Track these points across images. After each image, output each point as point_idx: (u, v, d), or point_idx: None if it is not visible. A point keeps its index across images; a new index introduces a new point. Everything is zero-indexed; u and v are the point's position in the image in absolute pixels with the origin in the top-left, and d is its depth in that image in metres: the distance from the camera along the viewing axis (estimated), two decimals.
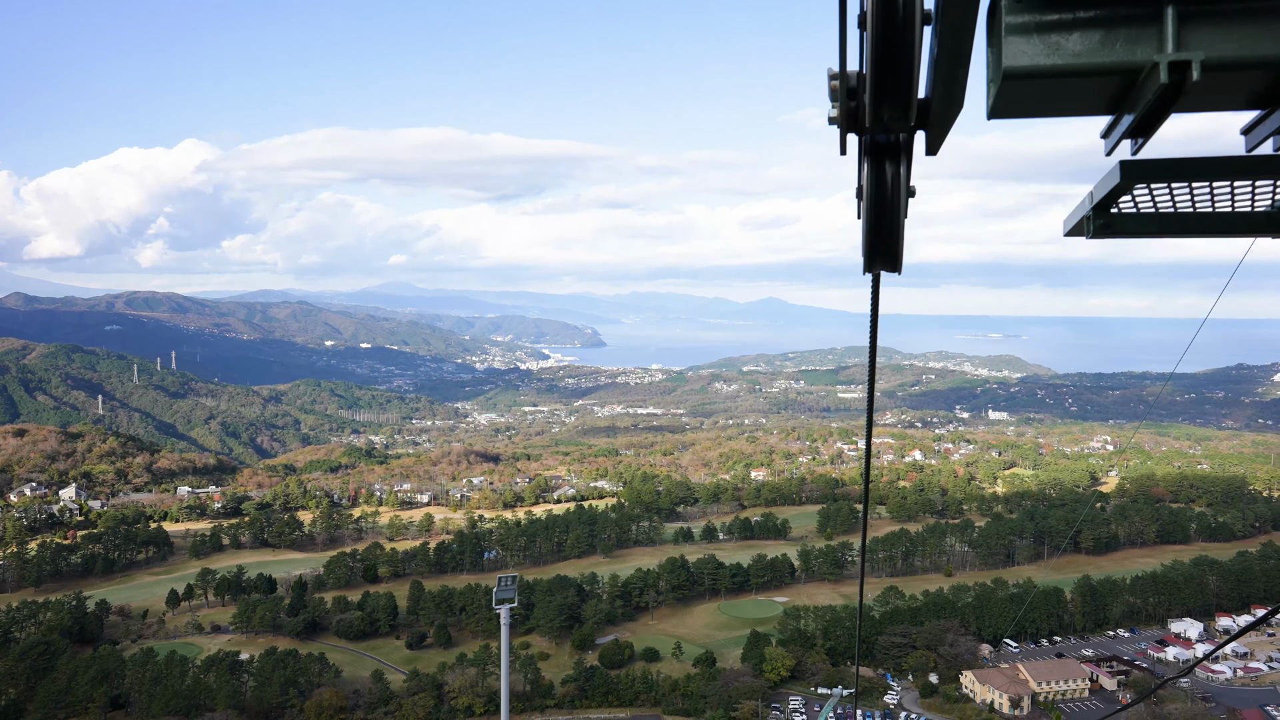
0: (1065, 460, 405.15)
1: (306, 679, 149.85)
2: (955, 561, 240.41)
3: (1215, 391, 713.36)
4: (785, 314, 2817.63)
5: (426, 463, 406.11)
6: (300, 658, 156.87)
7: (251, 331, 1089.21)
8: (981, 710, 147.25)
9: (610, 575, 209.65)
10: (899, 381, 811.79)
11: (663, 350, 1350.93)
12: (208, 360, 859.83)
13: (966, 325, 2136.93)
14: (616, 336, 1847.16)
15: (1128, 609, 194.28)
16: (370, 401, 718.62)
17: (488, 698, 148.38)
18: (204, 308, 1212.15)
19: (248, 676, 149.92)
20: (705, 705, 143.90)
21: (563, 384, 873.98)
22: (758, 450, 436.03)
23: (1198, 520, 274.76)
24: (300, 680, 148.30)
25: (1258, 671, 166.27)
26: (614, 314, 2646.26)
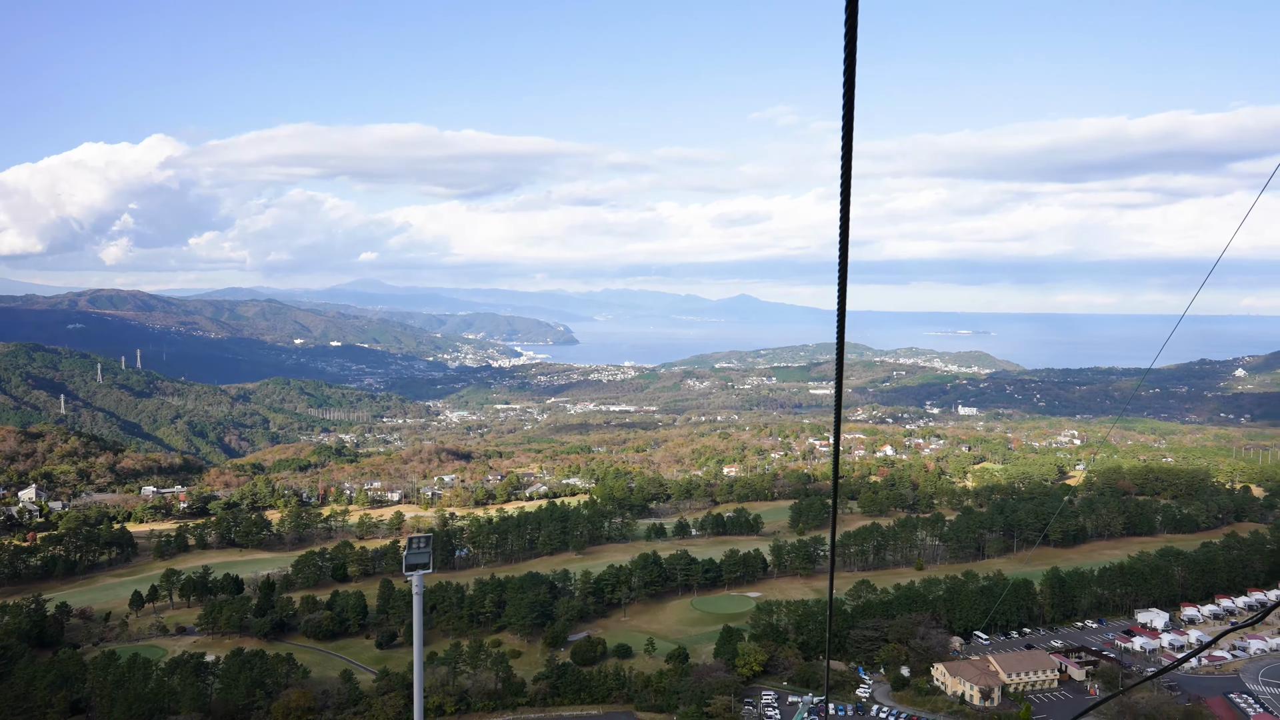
0: (1034, 455, 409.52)
1: (274, 680, 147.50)
2: (926, 555, 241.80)
3: (1179, 386, 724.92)
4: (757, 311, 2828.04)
5: (397, 461, 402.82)
6: (268, 658, 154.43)
7: (219, 330, 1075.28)
8: (952, 702, 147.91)
9: (583, 572, 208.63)
10: (870, 378, 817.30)
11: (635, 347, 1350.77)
12: (174, 359, 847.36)
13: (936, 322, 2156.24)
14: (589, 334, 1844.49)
15: (1095, 600, 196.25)
16: (340, 400, 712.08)
17: (459, 697, 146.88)
18: (170, 306, 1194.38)
19: (213, 678, 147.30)
20: (678, 701, 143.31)
21: (535, 381, 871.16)
22: (730, 446, 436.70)
23: (1163, 512, 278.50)
24: (267, 681, 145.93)
25: (1221, 660, 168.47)
26: (586, 311, 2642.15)
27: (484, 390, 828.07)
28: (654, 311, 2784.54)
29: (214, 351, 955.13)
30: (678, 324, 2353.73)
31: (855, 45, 7.61)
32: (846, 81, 7.83)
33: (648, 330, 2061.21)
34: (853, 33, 7.53)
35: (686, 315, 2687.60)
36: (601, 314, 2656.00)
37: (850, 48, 7.62)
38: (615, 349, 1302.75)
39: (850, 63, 7.70)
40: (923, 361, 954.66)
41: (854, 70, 7.78)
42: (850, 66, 7.73)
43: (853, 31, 7.52)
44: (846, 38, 7.55)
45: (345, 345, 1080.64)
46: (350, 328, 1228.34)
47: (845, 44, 7.59)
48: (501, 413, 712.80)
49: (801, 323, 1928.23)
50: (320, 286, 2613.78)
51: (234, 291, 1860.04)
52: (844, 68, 7.73)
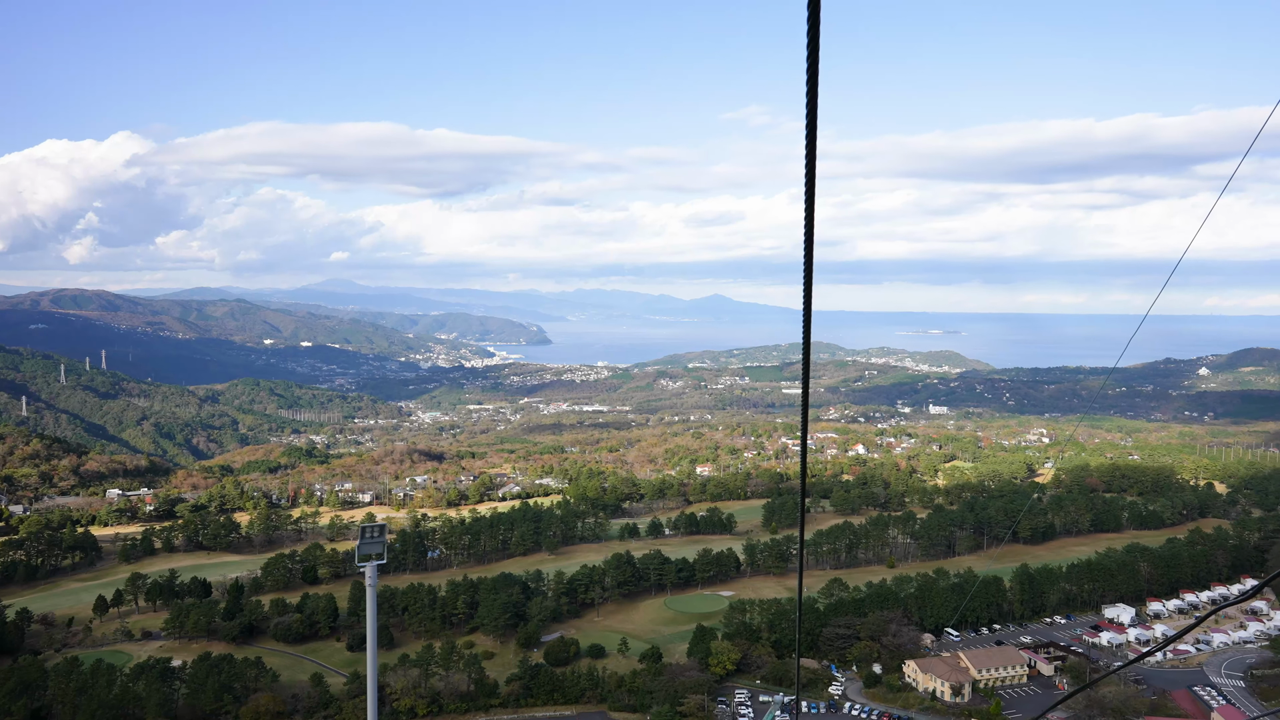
0: (1003, 453, 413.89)
1: (242, 684, 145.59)
2: (898, 553, 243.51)
3: (1145, 385, 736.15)
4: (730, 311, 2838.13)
5: (369, 462, 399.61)
6: (236, 662, 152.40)
7: (187, 330, 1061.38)
8: (924, 698, 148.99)
9: (555, 572, 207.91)
10: (842, 377, 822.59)
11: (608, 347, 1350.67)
12: (140, 360, 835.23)
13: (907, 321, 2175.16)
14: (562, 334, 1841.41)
15: (1064, 596, 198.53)
16: (311, 401, 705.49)
17: (430, 699, 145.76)
18: (136, 306, 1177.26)
19: (180, 683, 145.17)
20: (651, 700, 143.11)
21: (508, 382, 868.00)
22: (703, 446, 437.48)
23: (1129, 509, 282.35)
24: (236, 685, 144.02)
25: (1186, 654, 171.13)
26: (559, 311, 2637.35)
27: (457, 391, 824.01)
28: (627, 311, 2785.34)
29: (181, 352, 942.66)
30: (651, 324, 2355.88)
31: (817, 50, 7.51)
32: (810, 83, 7.72)
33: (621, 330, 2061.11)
34: (814, 38, 7.42)
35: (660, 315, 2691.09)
36: (575, 314, 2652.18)
37: (813, 53, 7.50)
38: (588, 349, 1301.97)
39: (813, 66, 7.60)
40: (894, 361, 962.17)
41: (816, 73, 7.69)
42: (813, 70, 7.63)
43: (814, 37, 7.41)
44: (809, 44, 7.46)
45: (316, 346, 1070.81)
46: (321, 328, 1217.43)
47: (808, 49, 7.50)
48: (474, 413, 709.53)
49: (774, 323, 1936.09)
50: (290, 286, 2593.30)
51: (202, 291, 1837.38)
52: (807, 71, 7.65)
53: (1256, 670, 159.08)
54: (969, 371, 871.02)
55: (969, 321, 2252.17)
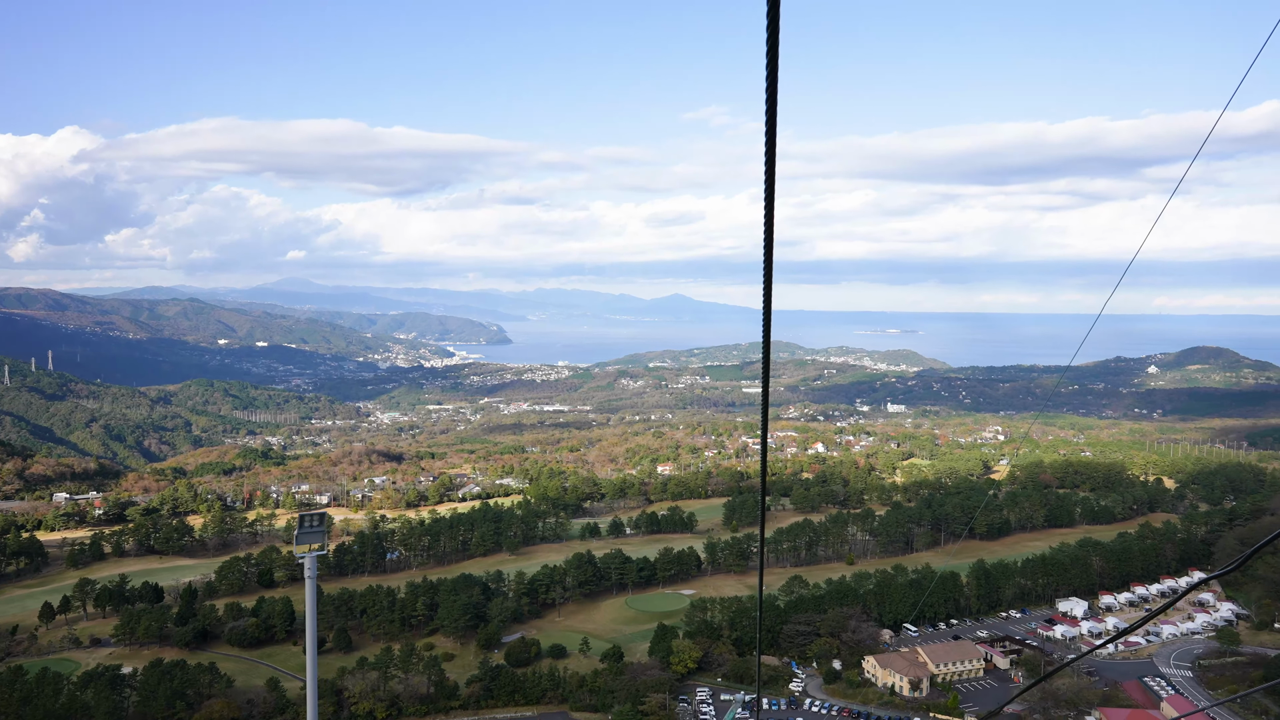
0: (960, 450, 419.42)
1: (195, 690, 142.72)
2: (857, 550, 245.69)
3: (1097, 383, 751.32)
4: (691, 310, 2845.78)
5: (326, 463, 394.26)
6: (189, 668, 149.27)
7: (138, 330, 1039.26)
8: (883, 693, 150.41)
9: (516, 573, 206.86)
10: (802, 376, 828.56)
11: (569, 347, 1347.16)
12: (89, 360, 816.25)
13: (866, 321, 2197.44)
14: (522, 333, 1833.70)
15: (1019, 590, 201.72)
16: (267, 401, 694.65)
17: (389, 702, 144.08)
18: (85, 305, 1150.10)
19: (130, 691, 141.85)
20: (613, 700, 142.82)
21: (468, 381, 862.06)
22: (664, 445, 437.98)
23: (1082, 504, 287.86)
24: (188, 692, 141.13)
25: (1136, 645, 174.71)
26: (519, 311, 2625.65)
27: (416, 391, 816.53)
28: (588, 311, 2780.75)
29: (132, 352, 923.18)
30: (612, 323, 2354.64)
31: (777, 51, 7.42)
32: (769, 83, 7.64)
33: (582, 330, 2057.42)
34: (774, 39, 7.33)
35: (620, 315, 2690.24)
36: (535, 313, 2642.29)
37: (772, 54, 7.42)
38: (549, 349, 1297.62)
39: (772, 67, 7.51)
40: (853, 360, 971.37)
41: (775, 73, 7.62)
42: (772, 70, 7.54)
43: (774, 38, 7.32)
44: (768, 45, 7.37)
45: (272, 345, 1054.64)
46: (277, 328, 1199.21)
47: (767, 50, 7.42)
48: (434, 413, 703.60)
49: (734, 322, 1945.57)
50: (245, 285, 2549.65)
51: (154, 290, 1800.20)
52: (766, 71, 7.58)
53: (1204, 660, 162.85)
54: (926, 370, 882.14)
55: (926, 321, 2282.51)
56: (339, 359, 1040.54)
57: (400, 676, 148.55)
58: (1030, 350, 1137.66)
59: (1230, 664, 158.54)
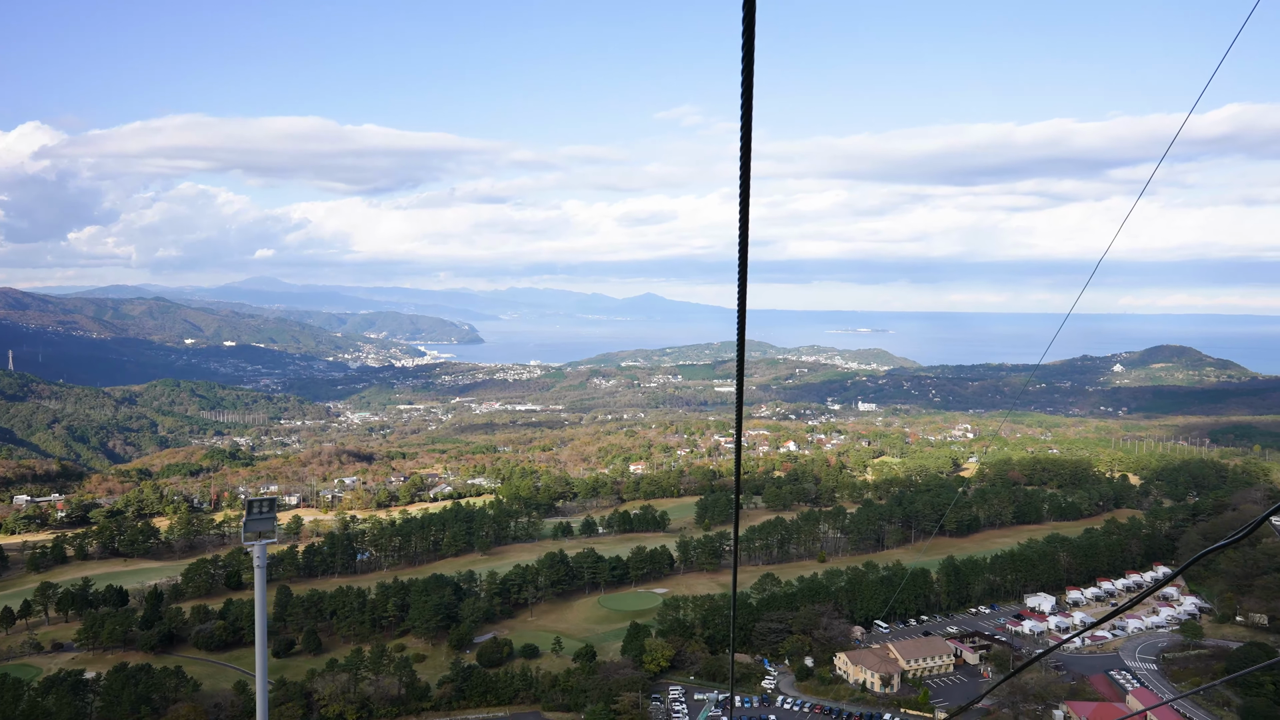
0: (930, 448, 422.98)
1: (161, 694, 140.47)
2: (828, 547, 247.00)
3: (1063, 381, 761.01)
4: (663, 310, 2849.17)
5: (295, 463, 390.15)
6: (154, 673, 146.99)
7: (102, 330, 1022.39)
8: (854, 690, 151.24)
9: (488, 573, 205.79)
10: (773, 375, 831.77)
11: (541, 346, 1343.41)
12: (51, 360, 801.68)
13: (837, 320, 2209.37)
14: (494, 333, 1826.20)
15: (988, 586, 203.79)
16: (235, 402, 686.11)
17: (360, 704, 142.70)
18: (47, 304, 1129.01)
19: (93, 696, 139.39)
20: (585, 699, 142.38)
21: (439, 381, 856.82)
22: (636, 444, 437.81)
23: (1049, 501, 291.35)
24: (154, 696, 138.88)
25: (1103, 640, 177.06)
26: (491, 310, 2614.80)
27: (387, 390, 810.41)
28: (560, 310, 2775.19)
29: (96, 352, 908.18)
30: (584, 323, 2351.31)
31: (752, 51, 7.33)
32: (745, 83, 7.53)
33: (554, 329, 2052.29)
34: (750, 39, 7.24)
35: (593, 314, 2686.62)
36: (507, 313, 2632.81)
37: (748, 54, 7.32)
38: (521, 348, 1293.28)
39: (748, 67, 7.41)
40: (824, 359, 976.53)
41: (751, 72, 7.52)
42: (748, 69, 7.43)
43: (750, 38, 7.23)
44: (744, 45, 7.27)
45: (240, 345, 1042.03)
46: (245, 327, 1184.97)
47: (743, 50, 7.31)
48: (405, 413, 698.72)
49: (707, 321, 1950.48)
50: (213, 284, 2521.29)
51: (118, 289, 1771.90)
52: (742, 71, 7.46)
53: (1168, 653, 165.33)
54: (897, 369, 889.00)
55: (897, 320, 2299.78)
56: (308, 359, 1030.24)
57: (371, 678, 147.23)
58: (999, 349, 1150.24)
59: (1194, 657, 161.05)
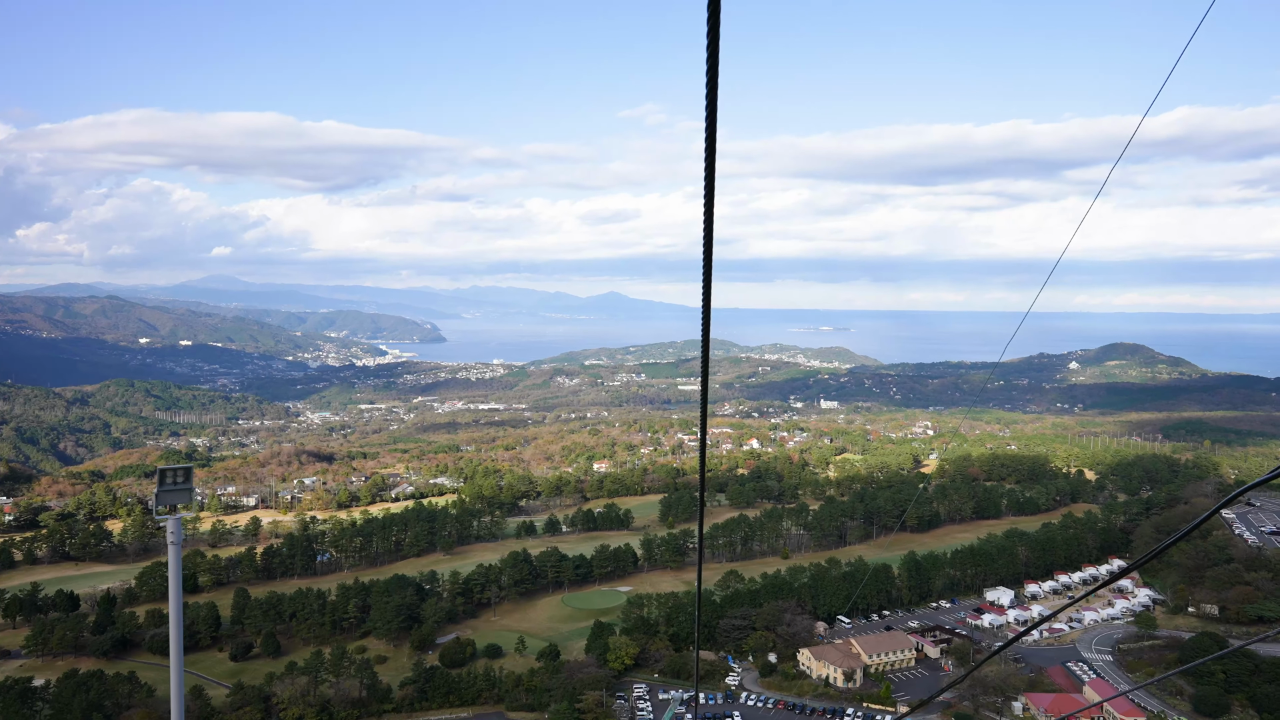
0: (891, 445, 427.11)
1: (114, 701, 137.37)
2: (791, 544, 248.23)
3: (1021, 379, 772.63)
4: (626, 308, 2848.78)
5: (254, 464, 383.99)
6: (106, 678, 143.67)
7: (53, 329, 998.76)
8: (817, 685, 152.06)
9: (451, 572, 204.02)
10: (737, 373, 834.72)
11: (504, 345, 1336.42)
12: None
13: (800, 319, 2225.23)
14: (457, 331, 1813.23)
15: (949, 581, 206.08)
16: (192, 402, 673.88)
17: (320, 707, 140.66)
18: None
19: (43, 704, 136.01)
20: (549, 699, 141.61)
21: (401, 380, 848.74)
22: (600, 443, 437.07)
23: (1008, 496, 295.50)
24: (106, 703, 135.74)
25: (1060, 632, 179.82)
26: (454, 309, 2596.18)
27: (348, 390, 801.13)
28: (523, 309, 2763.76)
29: (47, 352, 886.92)
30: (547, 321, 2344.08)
31: (717, 51, 7.28)
32: (709, 81, 7.47)
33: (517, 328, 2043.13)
34: (714, 39, 7.17)
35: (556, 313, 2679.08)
36: (470, 311, 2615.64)
37: (712, 53, 7.26)
38: (484, 347, 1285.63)
39: (713, 66, 7.35)
40: (787, 357, 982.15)
41: (716, 72, 7.45)
42: (713, 68, 7.37)
43: (714, 38, 7.16)
44: (709, 45, 7.19)
45: (197, 345, 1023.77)
46: (202, 326, 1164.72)
47: (708, 50, 7.24)
48: (366, 413, 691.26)
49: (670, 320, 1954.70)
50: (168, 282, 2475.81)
51: (70, 287, 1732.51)
52: (706, 70, 7.38)
53: (1123, 645, 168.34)
54: (858, 367, 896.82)
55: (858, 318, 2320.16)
56: (267, 358, 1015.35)
57: (331, 680, 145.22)
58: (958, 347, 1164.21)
59: (1148, 648, 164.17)
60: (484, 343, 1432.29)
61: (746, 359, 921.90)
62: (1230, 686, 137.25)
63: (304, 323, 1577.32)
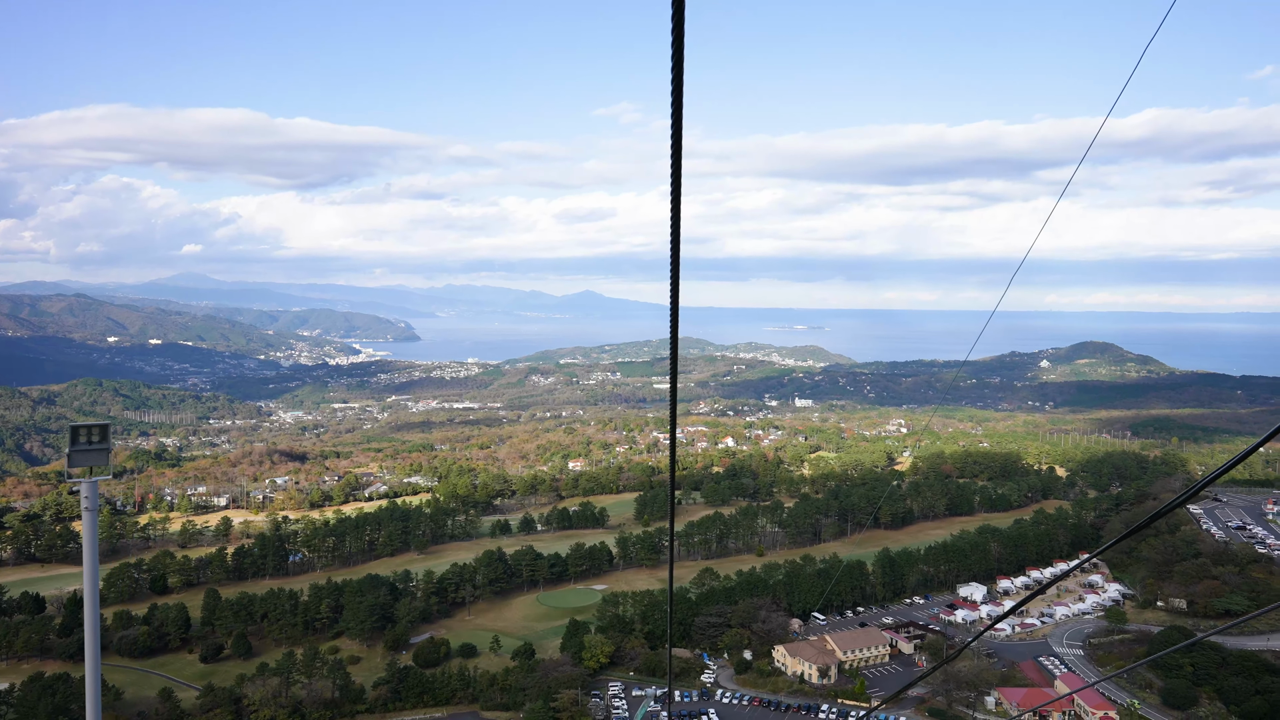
0: (865, 443, 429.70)
1: (80, 705, 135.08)
2: (766, 541, 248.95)
3: (993, 377, 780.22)
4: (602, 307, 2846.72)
5: (225, 464, 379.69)
6: (73, 681, 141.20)
7: (18, 328, 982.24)
8: (793, 682, 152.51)
9: (425, 572, 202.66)
10: (712, 372, 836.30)
11: (479, 344, 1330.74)
12: None
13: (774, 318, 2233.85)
14: (431, 330, 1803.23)
15: (922, 577, 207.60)
16: (161, 401, 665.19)
17: (292, 708, 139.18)
18: None
19: (7, 708, 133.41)
20: (524, 698, 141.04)
21: (375, 379, 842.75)
22: (575, 441, 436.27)
23: (980, 493, 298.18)
24: (73, 707, 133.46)
25: (1032, 627, 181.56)
26: (428, 307, 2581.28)
27: (321, 389, 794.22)
28: (498, 308, 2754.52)
29: (12, 351, 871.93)
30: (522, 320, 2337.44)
31: (682, 50, 7.31)
32: (675, 82, 7.50)
33: (492, 327, 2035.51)
34: (679, 38, 7.24)
35: (531, 311, 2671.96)
36: (444, 310, 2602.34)
37: (677, 52, 7.32)
38: (458, 346, 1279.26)
39: (678, 66, 7.38)
40: (761, 356, 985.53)
41: (681, 72, 7.45)
42: (678, 68, 7.40)
43: (679, 37, 7.25)
44: (674, 44, 7.28)
45: (167, 344, 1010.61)
46: (172, 325, 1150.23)
47: (673, 49, 7.31)
48: (339, 412, 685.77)
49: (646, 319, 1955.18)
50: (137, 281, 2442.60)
51: (36, 285, 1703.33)
52: (672, 70, 7.42)
53: (1094, 639, 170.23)
54: (833, 366, 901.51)
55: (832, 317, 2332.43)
56: (239, 357, 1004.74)
57: (303, 681, 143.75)
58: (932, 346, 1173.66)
59: (1118, 641, 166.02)
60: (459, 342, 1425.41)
61: (721, 358, 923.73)
62: (1198, 679, 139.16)
63: (276, 321, 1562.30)
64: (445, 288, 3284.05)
